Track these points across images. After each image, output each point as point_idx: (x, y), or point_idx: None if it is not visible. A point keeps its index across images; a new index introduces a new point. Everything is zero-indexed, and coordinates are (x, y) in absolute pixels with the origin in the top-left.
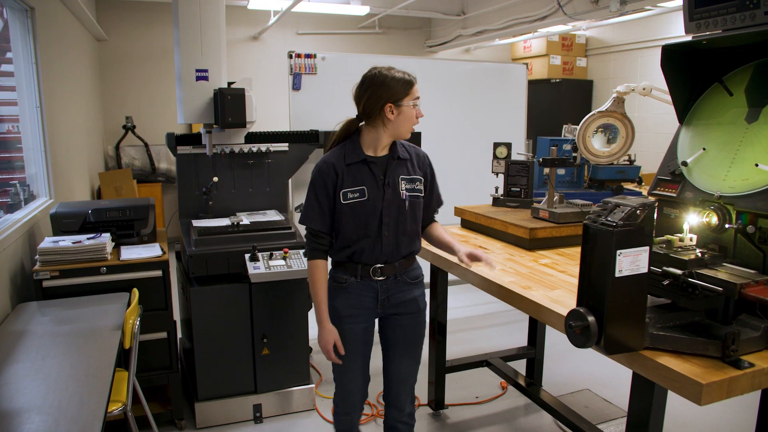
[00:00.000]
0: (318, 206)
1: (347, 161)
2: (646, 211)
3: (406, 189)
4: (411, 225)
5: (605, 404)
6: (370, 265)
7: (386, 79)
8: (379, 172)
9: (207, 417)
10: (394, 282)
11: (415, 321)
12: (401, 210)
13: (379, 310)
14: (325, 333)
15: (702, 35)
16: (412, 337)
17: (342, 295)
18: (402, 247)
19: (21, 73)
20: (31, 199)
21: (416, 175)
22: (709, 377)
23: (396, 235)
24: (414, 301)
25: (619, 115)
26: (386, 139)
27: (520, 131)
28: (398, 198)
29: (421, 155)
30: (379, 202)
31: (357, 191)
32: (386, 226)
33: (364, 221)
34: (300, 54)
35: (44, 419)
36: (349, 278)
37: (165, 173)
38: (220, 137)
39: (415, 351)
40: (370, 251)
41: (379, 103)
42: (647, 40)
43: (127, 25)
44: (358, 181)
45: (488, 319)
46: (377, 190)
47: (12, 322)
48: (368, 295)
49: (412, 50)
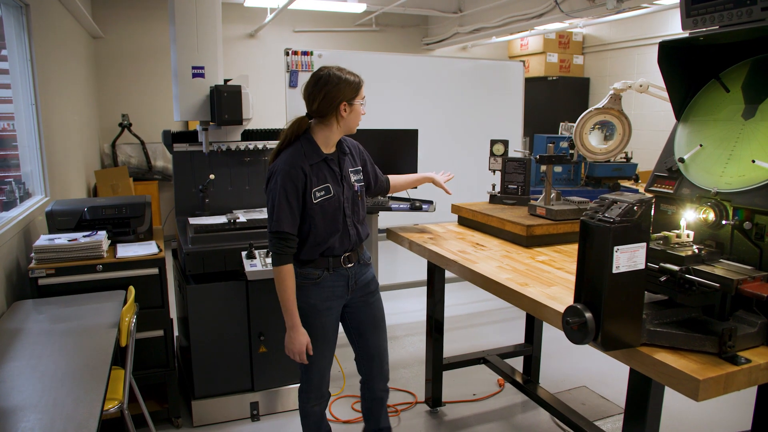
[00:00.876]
0: (289, 209)
1: (310, 161)
2: (644, 207)
3: (356, 180)
4: (362, 212)
5: (602, 401)
6: (339, 255)
7: (340, 80)
8: (336, 167)
9: (204, 415)
10: (358, 266)
11: (377, 298)
12: (356, 200)
13: (348, 295)
14: (300, 336)
15: (699, 31)
16: (380, 314)
17: (315, 291)
18: (362, 234)
19: (16, 70)
20: (27, 196)
21: (358, 166)
22: (706, 373)
23: (355, 223)
24: (373, 280)
25: (616, 112)
26: (338, 135)
27: (517, 129)
28: (352, 190)
29: (357, 146)
30: (341, 196)
31: (323, 189)
32: (349, 217)
33: (332, 217)
34: (297, 51)
35: (40, 417)
36: (321, 273)
37: (161, 171)
38: (216, 135)
39: (384, 324)
40: (340, 243)
41: (335, 102)
42: (644, 38)
43: (123, 22)
44: (322, 179)
45: (485, 317)
46: (338, 185)
47: (7, 320)
48: (340, 284)
49: (409, 48)
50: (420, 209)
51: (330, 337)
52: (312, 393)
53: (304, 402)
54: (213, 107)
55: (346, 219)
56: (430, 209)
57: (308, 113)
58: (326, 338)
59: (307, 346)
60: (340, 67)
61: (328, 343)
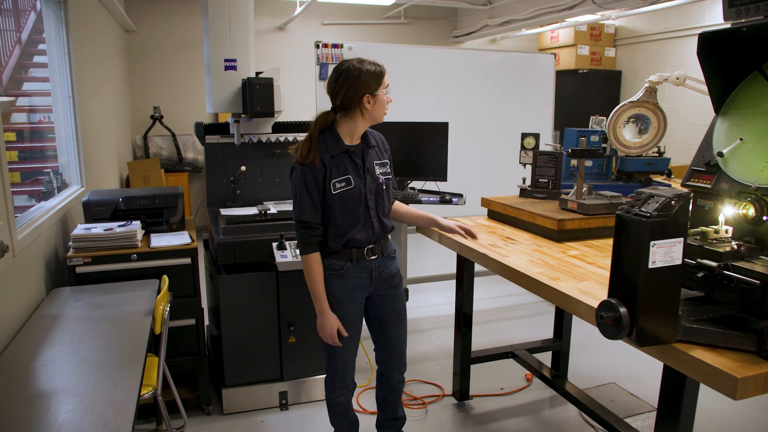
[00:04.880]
0: (310, 199)
1: (331, 153)
2: (681, 202)
3: (381, 173)
4: (388, 205)
5: (632, 398)
6: (363, 247)
7: (361, 72)
8: (358, 160)
9: (234, 403)
10: (382, 259)
11: (399, 292)
12: (380, 193)
13: (372, 288)
14: (330, 320)
15: (742, 22)
16: (403, 307)
17: (338, 281)
18: (386, 226)
19: (54, 63)
20: (64, 187)
21: (384, 159)
22: (744, 371)
23: (379, 216)
24: (398, 273)
25: (651, 105)
26: (364, 127)
27: (547, 122)
28: (376, 182)
29: (383, 140)
30: (363, 188)
31: (343, 180)
32: (372, 209)
33: (352, 208)
34: (327, 44)
35: (80, 400)
36: (345, 264)
37: (191, 162)
38: (248, 127)
39: (405, 317)
40: (363, 235)
41: (357, 95)
42: (679, 29)
43: (156, 16)
44: (343, 170)
45: (514, 311)
46: (359, 177)
47: (47, 307)
48: (363, 275)
49: (437, 40)
50: (450, 202)
51: (352, 328)
52: (336, 383)
53: (329, 392)
54: (245, 99)
55: (369, 211)
56: (460, 202)
57: (333, 107)
58: (348, 329)
59: (338, 329)
60: (361, 59)
61: (351, 333)
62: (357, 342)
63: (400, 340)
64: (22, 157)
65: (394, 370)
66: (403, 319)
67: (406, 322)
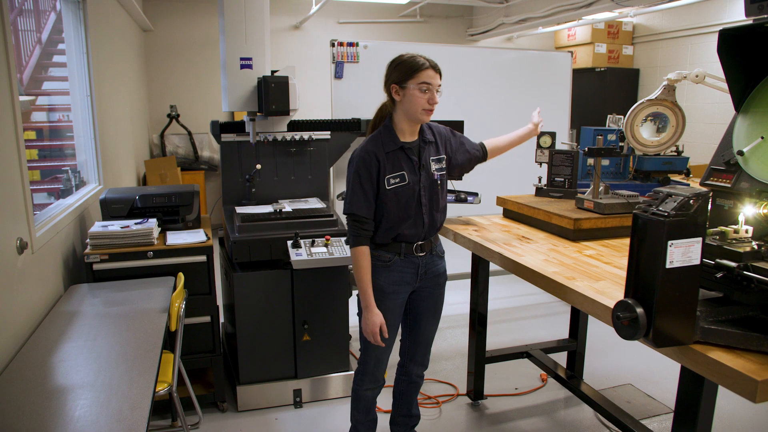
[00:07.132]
0: (363, 193)
1: (386, 149)
2: (700, 201)
3: (436, 169)
4: (443, 201)
5: (648, 400)
6: (412, 243)
7: (399, 62)
8: (414, 156)
9: (248, 400)
10: (430, 256)
11: (442, 291)
12: (434, 189)
13: (417, 283)
14: (373, 316)
15: (764, 18)
16: (440, 305)
17: (384, 273)
18: (438, 223)
19: (73, 62)
20: (82, 185)
21: (442, 154)
22: (765, 374)
23: (432, 212)
24: (444, 273)
25: (669, 103)
26: (405, 121)
27: (563, 121)
28: (431, 179)
29: (443, 133)
30: (417, 185)
31: (398, 176)
32: (425, 206)
33: (405, 203)
34: (342, 42)
35: (97, 395)
36: (393, 257)
37: (207, 161)
38: (263, 125)
39: (440, 315)
40: (413, 230)
41: (387, 83)
42: (698, 27)
43: (172, 16)
44: (398, 166)
45: (529, 311)
46: (414, 174)
47: (65, 303)
48: (410, 270)
49: (453, 38)
50: (465, 201)
51: (392, 322)
52: (367, 376)
53: (357, 384)
54: (261, 98)
55: (421, 207)
56: (476, 201)
57: None
58: (388, 322)
59: (381, 327)
60: (415, 54)
61: (393, 327)
62: (394, 337)
63: (429, 337)
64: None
65: (415, 363)
66: (438, 316)
67: (439, 320)
